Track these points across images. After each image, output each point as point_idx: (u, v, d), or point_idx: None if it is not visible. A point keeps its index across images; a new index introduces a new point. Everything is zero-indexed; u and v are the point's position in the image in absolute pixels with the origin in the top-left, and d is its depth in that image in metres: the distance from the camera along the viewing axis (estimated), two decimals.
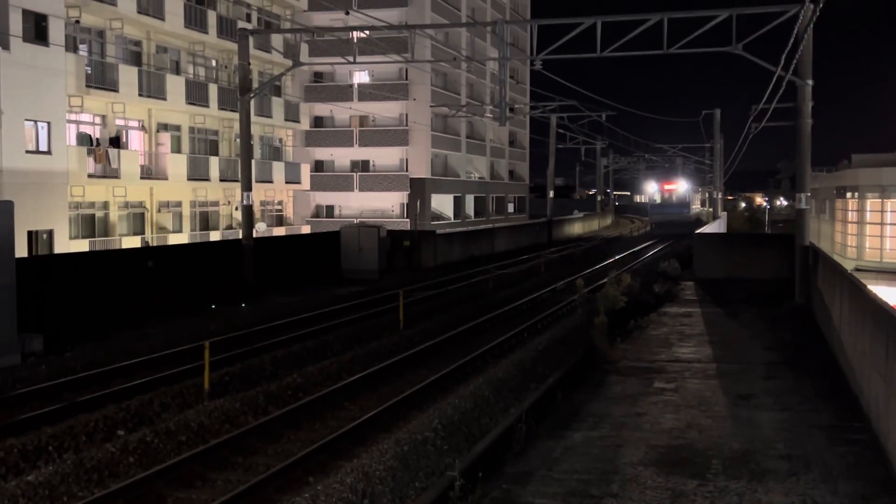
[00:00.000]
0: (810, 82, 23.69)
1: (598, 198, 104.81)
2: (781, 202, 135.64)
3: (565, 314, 26.20)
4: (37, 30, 32.59)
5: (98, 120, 38.32)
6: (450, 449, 12.20)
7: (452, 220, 65.82)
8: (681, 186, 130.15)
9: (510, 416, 12.88)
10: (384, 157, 63.26)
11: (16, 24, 31.33)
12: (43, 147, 33.24)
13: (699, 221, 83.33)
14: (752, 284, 29.39)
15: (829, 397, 13.60)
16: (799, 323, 21.28)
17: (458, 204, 69.11)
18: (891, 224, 39.55)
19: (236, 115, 36.53)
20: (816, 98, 24.49)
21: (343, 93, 62.20)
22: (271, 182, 50.11)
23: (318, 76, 63.92)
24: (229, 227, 46.19)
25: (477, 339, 21.90)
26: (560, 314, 26.39)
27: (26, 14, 31.96)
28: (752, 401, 13.45)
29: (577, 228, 77.59)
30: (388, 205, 63.16)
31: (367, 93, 61.10)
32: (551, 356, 18.71)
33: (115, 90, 37.25)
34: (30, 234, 31.49)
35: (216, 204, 46.36)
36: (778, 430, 11.76)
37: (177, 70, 43.20)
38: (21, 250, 27.18)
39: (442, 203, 66.09)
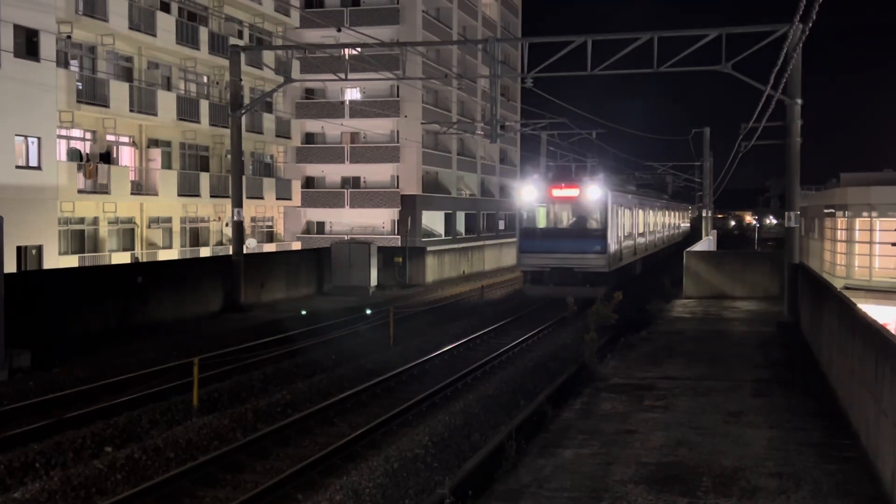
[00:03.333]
0: (799, 101, 23.81)
1: None
2: (771, 220, 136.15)
3: (555, 330, 26.18)
4: (28, 45, 32.57)
5: (89, 135, 38.24)
6: (440, 466, 12.16)
7: (443, 237, 65.84)
8: (591, 192, 31.71)
9: (500, 434, 12.85)
10: (375, 173, 63.31)
11: (7, 40, 31.31)
12: (33, 162, 33.16)
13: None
14: (742, 302, 29.46)
15: (819, 415, 13.61)
16: (788, 341, 21.32)
17: (449, 221, 69.15)
18: (880, 243, 39.71)
19: (227, 132, 36.53)
20: (805, 117, 24.58)
21: (334, 109, 62.27)
22: (262, 198, 50.06)
23: (309, 93, 64.01)
24: (220, 244, 46.09)
25: (467, 355, 21.85)
26: (550, 330, 26.37)
27: (17, 29, 31.94)
28: (741, 418, 13.45)
29: None
30: (378, 221, 63.14)
31: (358, 109, 61.19)
32: (541, 373, 18.71)
33: (106, 106, 37.21)
34: (19, 249, 31.36)
35: (206, 220, 46.27)
36: (768, 448, 11.76)
37: (168, 86, 43.20)
38: (10, 266, 27.07)
39: (433, 220, 66.11)
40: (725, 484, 10.25)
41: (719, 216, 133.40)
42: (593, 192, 30.95)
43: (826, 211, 45.96)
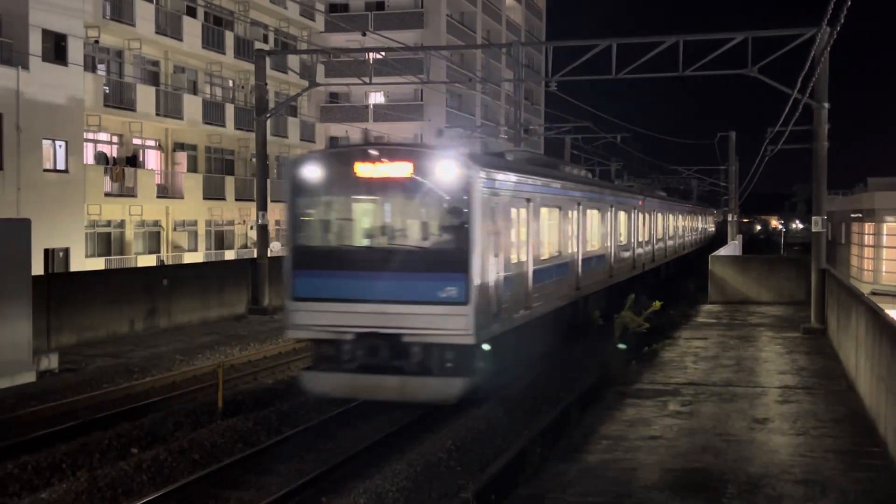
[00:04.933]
0: (826, 105, 23.61)
1: None
2: (797, 225, 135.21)
3: (578, 335, 26.04)
4: (56, 50, 32.93)
5: (115, 139, 38.60)
6: (463, 470, 12.14)
7: None
8: (439, 171, 14.59)
9: (524, 438, 12.82)
10: None
11: (35, 44, 31.67)
12: (60, 166, 33.49)
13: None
14: (768, 307, 29.25)
15: (846, 422, 13.49)
16: (815, 347, 21.14)
17: None
18: None
19: (252, 135, 36.71)
20: (833, 120, 24.35)
21: (358, 113, 62.47)
22: None
23: (333, 97, 64.25)
24: (244, 247, 46.34)
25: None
26: (572, 335, 26.23)
27: (46, 34, 32.30)
28: (767, 424, 13.35)
29: None
30: None
31: (382, 113, 61.35)
32: (565, 378, 18.63)
33: (133, 110, 37.54)
34: (46, 251, 31.66)
35: (231, 223, 46.53)
36: (794, 455, 11.67)
37: (194, 90, 43.49)
38: (37, 268, 27.33)
39: None
40: (751, 491, 10.19)
41: (745, 220, 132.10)
42: (444, 170, 14.75)
43: (853, 216, 45.58)
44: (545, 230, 19.09)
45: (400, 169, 14.98)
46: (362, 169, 15.08)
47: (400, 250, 15.03)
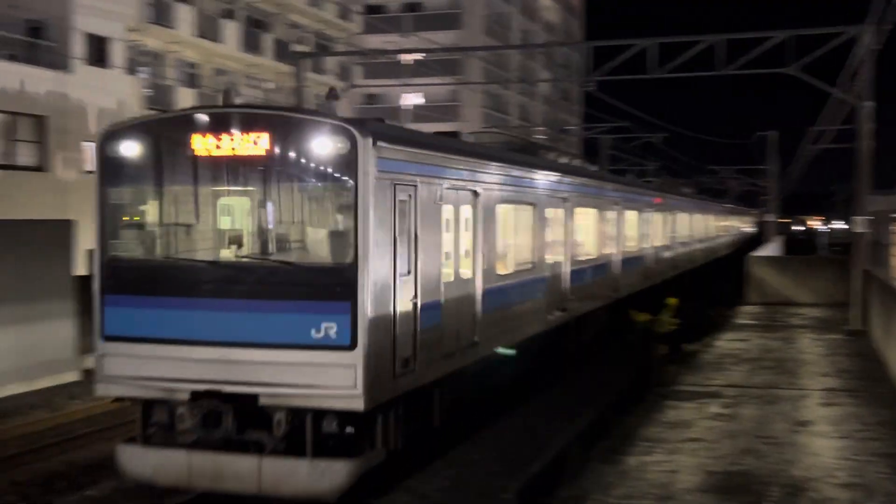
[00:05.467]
0: (870, 104, 23.29)
1: None
2: (838, 225, 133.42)
3: (616, 338, 25.92)
4: (98, 53, 33.41)
5: None
6: (503, 472, 12.16)
7: None
8: (316, 145, 9.72)
9: (563, 440, 12.80)
10: None
11: (79, 47, 32.17)
12: None
13: None
14: (808, 309, 28.94)
15: (891, 425, 13.33)
16: (857, 349, 20.90)
17: None
18: None
19: None
20: (877, 118, 23.92)
21: (395, 115, 62.64)
22: None
23: (370, 98, 64.51)
24: None
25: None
26: (610, 338, 26.11)
27: (89, 37, 32.79)
28: (810, 427, 13.23)
29: None
30: None
31: (419, 114, 61.46)
32: (603, 380, 18.57)
33: None
34: (89, 252, 32.11)
35: None
36: (838, 458, 11.55)
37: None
38: (80, 269, 27.68)
39: None
40: (794, 494, 10.10)
41: (783, 221, 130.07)
42: (319, 145, 9.80)
43: (893, 216, 44.94)
44: (506, 235, 14.06)
45: (254, 143, 9.98)
46: (201, 144, 10.17)
47: (255, 267, 10.09)
